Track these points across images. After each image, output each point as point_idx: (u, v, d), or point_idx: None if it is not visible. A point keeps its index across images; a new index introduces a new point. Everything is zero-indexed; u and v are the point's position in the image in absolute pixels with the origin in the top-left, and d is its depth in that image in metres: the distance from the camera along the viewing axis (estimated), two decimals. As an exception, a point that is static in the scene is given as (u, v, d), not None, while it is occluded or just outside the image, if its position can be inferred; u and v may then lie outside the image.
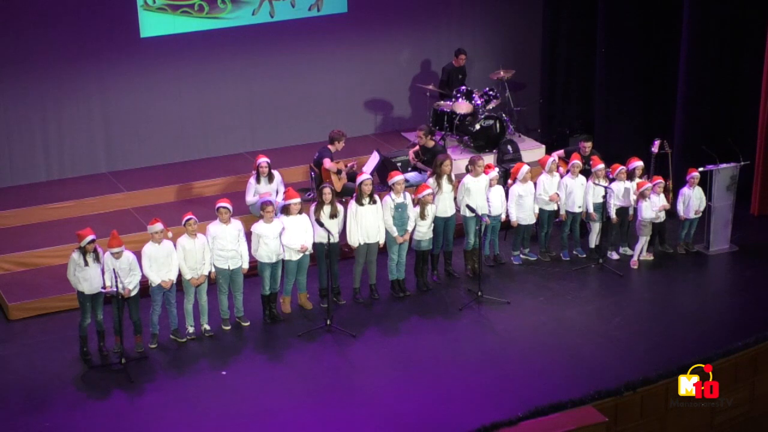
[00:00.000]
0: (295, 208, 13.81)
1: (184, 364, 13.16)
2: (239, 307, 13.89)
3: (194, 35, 17.32)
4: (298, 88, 18.28)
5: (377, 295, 14.59)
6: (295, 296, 14.29)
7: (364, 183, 14.13)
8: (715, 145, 15.87)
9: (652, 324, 13.88)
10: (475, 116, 17.88)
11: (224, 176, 17.11)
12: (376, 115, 19.14)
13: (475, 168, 14.84)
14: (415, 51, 19.07)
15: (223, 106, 17.85)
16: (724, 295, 15.02)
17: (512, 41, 19.45)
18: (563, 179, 15.37)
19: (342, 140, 15.93)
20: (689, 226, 15.65)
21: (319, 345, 13.48)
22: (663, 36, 17.75)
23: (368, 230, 14.20)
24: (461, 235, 15.24)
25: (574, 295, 14.63)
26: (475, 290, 14.50)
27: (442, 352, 13.33)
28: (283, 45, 17.99)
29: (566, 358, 13.09)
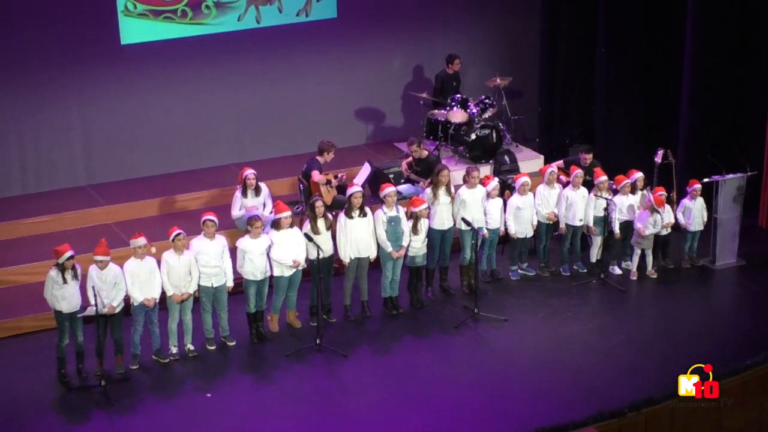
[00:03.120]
0: (286, 221, 13.81)
1: (167, 386, 13.13)
2: (224, 326, 13.87)
3: (177, 42, 17.32)
4: (286, 97, 18.28)
5: (369, 313, 14.58)
6: (283, 314, 14.27)
7: (354, 195, 14.13)
8: (721, 155, 15.89)
9: (656, 341, 13.88)
10: (471, 125, 17.89)
11: (209, 189, 17.10)
12: (367, 125, 19.15)
13: (470, 179, 14.85)
14: (407, 57, 19.08)
15: (207, 116, 17.85)
16: (731, 311, 15.03)
17: (509, 47, 19.48)
18: (564, 191, 15.39)
19: (331, 151, 15.92)
20: (692, 239, 15.68)
21: (308, 365, 13.46)
22: (665, 43, 17.78)
23: (359, 244, 14.19)
24: (456, 249, 15.24)
25: (575, 312, 14.63)
26: (471, 307, 14.50)
27: (437, 372, 13.31)
28: (270, 52, 18.00)
29: (567, 377, 13.08)
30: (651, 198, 15.17)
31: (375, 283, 14.57)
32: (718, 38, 16.75)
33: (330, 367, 13.45)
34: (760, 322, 14.30)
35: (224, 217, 14.89)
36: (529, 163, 18.02)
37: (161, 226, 14.47)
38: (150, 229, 14.66)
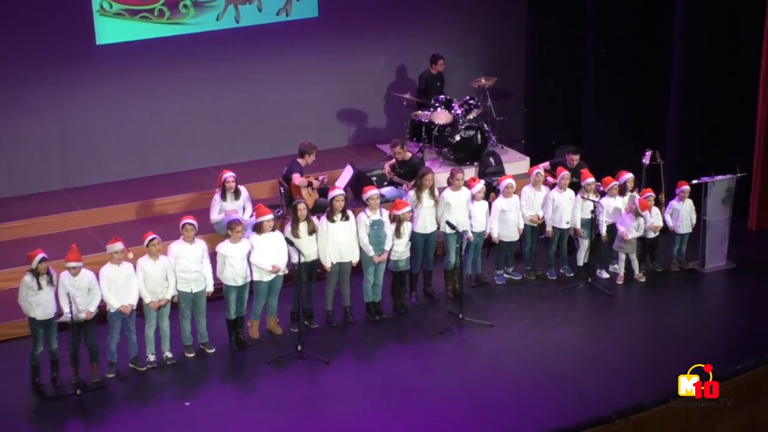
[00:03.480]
0: (267, 225, 13.78)
1: (144, 395, 13.07)
2: (203, 333, 13.82)
3: (154, 42, 17.26)
4: (266, 98, 18.24)
5: (352, 319, 14.55)
6: (263, 321, 14.23)
7: (336, 198, 14.10)
8: (710, 156, 15.92)
9: (645, 346, 13.89)
10: (455, 127, 17.89)
11: (187, 192, 17.05)
12: (349, 126, 19.12)
13: (454, 181, 14.84)
14: (390, 57, 19.07)
15: (185, 118, 17.79)
16: (721, 315, 15.06)
17: (494, 47, 19.48)
18: (550, 193, 15.40)
19: (313, 153, 15.90)
20: (680, 241, 15.71)
21: (289, 372, 13.42)
22: (654, 42, 17.80)
23: (341, 249, 14.17)
24: (441, 253, 15.22)
25: (562, 317, 14.63)
26: (456, 312, 14.48)
27: (422, 379, 13.29)
28: (250, 52, 17.96)
29: (554, 383, 13.08)
30: (637, 201, 15.18)
31: (357, 288, 14.54)
32: (707, 38, 16.79)
33: (312, 374, 13.41)
34: (750, 325, 14.33)
35: (203, 221, 14.85)
36: (515, 165, 18.02)
37: (138, 231, 14.40)
38: (127, 233, 14.60)
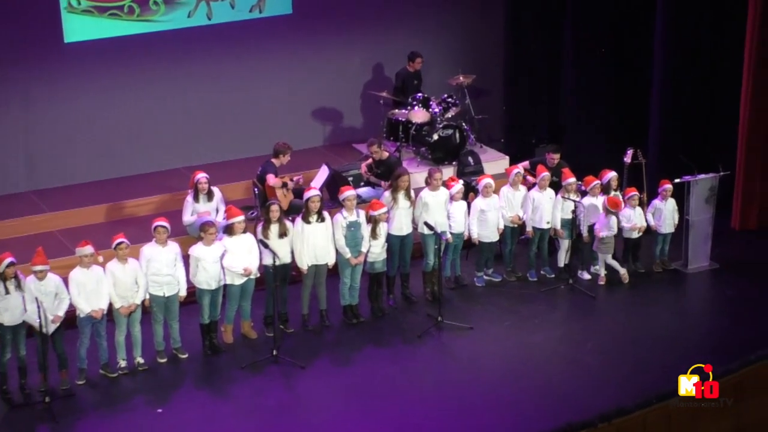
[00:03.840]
0: (239, 227, 13.75)
1: (115, 402, 13.02)
2: (176, 338, 13.78)
3: (124, 40, 17.20)
4: (239, 97, 18.20)
5: (328, 322, 14.53)
6: (237, 325, 14.19)
7: (311, 200, 14.09)
8: (693, 154, 15.97)
9: (628, 349, 13.92)
10: (433, 125, 17.90)
11: (159, 194, 17.00)
12: (324, 126, 19.11)
13: (432, 181, 14.84)
14: (366, 55, 19.06)
15: (156, 118, 17.74)
16: (705, 316, 15.12)
17: (472, 43, 19.50)
18: (530, 192, 15.42)
19: (287, 153, 15.88)
20: (663, 241, 15.76)
21: (264, 378, 13.39)
22: (635, 39, 17.86)
23: (316, 251, 14.15)
24: (419, 255, 15.22)
25: (543, 319, 14.65)
26: (435, 315, 14.48)
27: (400, 383, 13.29)
28: (223, 50, 17.92)
29: (535, 387, 13.09)
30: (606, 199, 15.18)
31: (333, 290, 14.52)
32: (689, 34, 16.86)
33: (287, 379, 13.39)
34: (735, 327, 14.38)
35: (176, 223, 14.80)
36: (494, 165, 18.05)
37: (108, 234, 14.33)
38: (97, 236, 14.54)
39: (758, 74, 16.44)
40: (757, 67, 16.40)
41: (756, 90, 16.49)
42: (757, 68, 16.40)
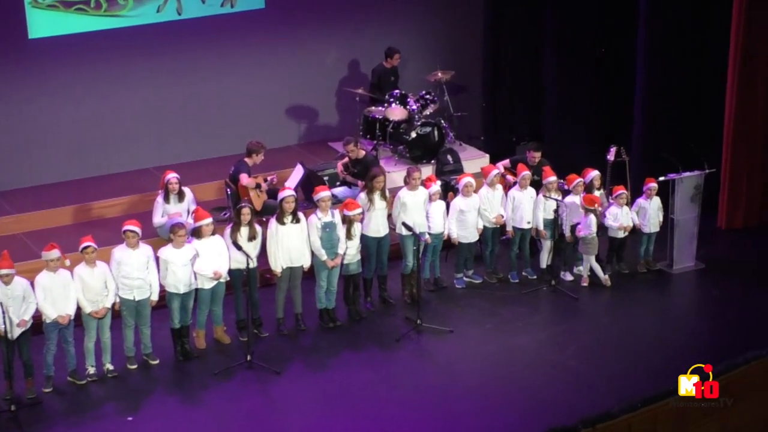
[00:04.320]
0: (207, 229, 13.73)
1: (84, 410, 12.97)
2: (147, 343, 13.75)
3: (91, 36, 17.14)
4: (211, 95, 18.17)
5: (303, 326, 14.53)
6: (210, 329, 14.17)
7: (285, 200, 14.08)
8: (678, 152, 16.03)
9: (612, 352, 13.96)
10: (411, 123, 17.91)
11: (128, 195, 16.95)
12: (299, 124, 19.10)
13: (411, 180, 14.86)
14: (342, 50, 19.06)
15: (125, 116, 17.69)
16: (691, 317, 15.17)
17: (451, 38, 19.53)
18: (511, 192, 15.45)
19: (261, 152, 15.86)
20: (647, 241, 15.81)
21: (238, 384, 13.38)
22: (617, 34, 17.91)
23: (291, 253, 14.14)
24: (397, 256, 15.23)
25: (525, 322, 14.68)
26: (414, 318, 14.49)
27: (378, 388, 13.29)
28: (193, 46, 17.89)
29: (516, 391, 13.12)
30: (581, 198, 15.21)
31: (309, 293, 14.51)
32: (673, 29, 16.90)
33: (262, 385, 13.38)
34: (721, 329, 14.45)
35: (148, 225, 14.78)
36: (474, 163, 18.07)
37: (76, 236, 14.29)
38: (64, 239, 14.48)
39: (744, 70, 16.52)
40: (742, 63, 16.48)
41: (742, 86, 16.57)
42: (742, 63, 16.48)
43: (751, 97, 16.65)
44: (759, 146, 16.93)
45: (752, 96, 16.66)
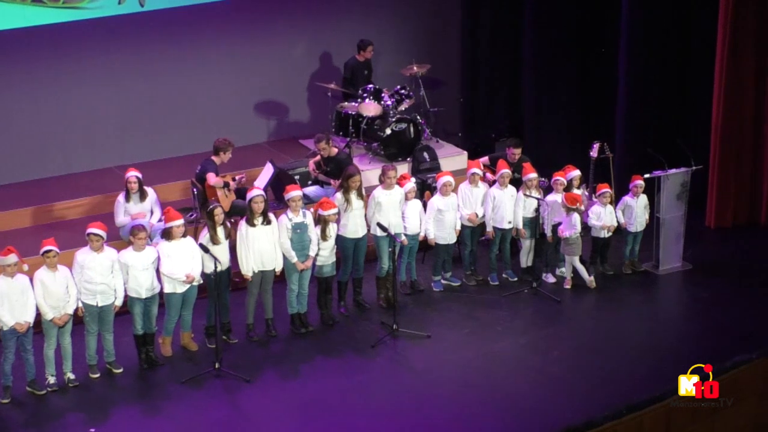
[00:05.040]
0: (178, 231, 13.70)
1: (44, 421, 12.92)
2: (110, 351, 13.71)
3: (49, 29, 17.07)
4: (176, 90, 18.15)
5: (274, 332, 14.52)
6: (176, 336, 14.15)
7: (254, 200, 14.06)
8: (663, 148, 16.08)
9: (596, 357, 13.99)
10: (385, 119, 17.92)
11: (90, 195, 16.92)
12: (268, 120, 19.09)
13: (386, 179, 14.87)
14: (312, 43, 19.06)
15: (86, 113, 17.65)
16: (678, 320, 15.22)
17: (426, 30, 19.55)
18: (490, 190, 15.47)
19: (228, 150, 15.84)
20: (633, 241, 15.86)
21: (206, 393, 13.35)
22: (600, 25, 17.96)
23: (263, 256, 14.13)
24: (372, 258, 15.25)
25: (505, 326, 14.71)
26: (390, 323, 14.50)
27: (353, 396, 13.29)
28: (157, 39, 17.85)
29: (497, 399, 13.14)
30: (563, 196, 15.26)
31: (280, 298, 14.51)
32: (658, 20, 16.96)
33: (231, 394, 13.36)
34: (709, 332, 14.49)
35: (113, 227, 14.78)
36: (452, 161, 18.10)
37: (35, 239, 14.27)
38: (22, 242, 14.46)
39: (731, 62, 16.58)
40: (730, 55, 16.54)
41: (730, 79, 16.63)
42: (730, 56, 16.54)
43: (739, 90, 16.72)
44: (748, 141, 17.00)
45: (741, 89, 16.72)
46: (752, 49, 16.60)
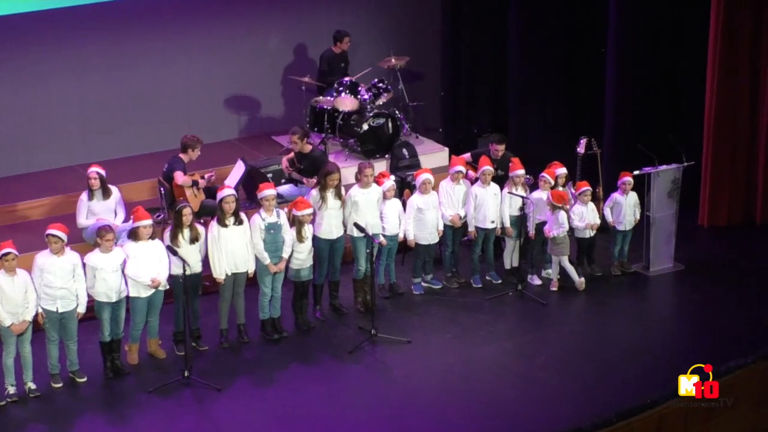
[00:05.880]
0: (145, 231, 13.67)
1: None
2: (73, 360, 13.69)
3: (5, 20, 17.01)
4: (142, 84, 18.13)
5: (247, 338, 14.52)
6: (143, 343, 14.13)
7: (224, 200, 14.05)
8: (654, 143, 16.13)
9: (584, 363, 14.04)
10: (362, 114, 17.94)
11: (51, 195, 16.90)
12: (239, 116, 19.09)
13: (363, 177, 14.88)
14: (286, 35, 19.05)
15: (46, 109, 17.63)
16: (669, 323, 15.27)
17: (405, 21, 19.56)
18: (473, 188, 15.49)
19: (197, 147, 15.82)
20: (622, 240, 15.91)
21: (175, 402, 13.34)
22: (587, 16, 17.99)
23: (236, 258, 14.13)
24: (349, 260, 15.26)
25: (489, 330, 14.74)
26: (368, 328, 14.52)
27: (329, 405, 13.30)
28: (121, 30, 17.82)
29: (481, 407, 13.16)
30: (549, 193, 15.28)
31: (252, 302, 14.50)
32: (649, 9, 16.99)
33: (201, 404, 13.35)
34: (703, 336, 14.55)
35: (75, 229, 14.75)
36: (432, 157, 18.13)
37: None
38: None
39: (726, 52, 16.61)
40: (724, 44, 16.56)
41: (723, 69, 16.67)
42: (724, 45, 16.57)
43: (734, 81, 16.77)
44: (744, 135, 17.06)
45: (735, 80, 16.77)
46: (748, 38, 16.64)
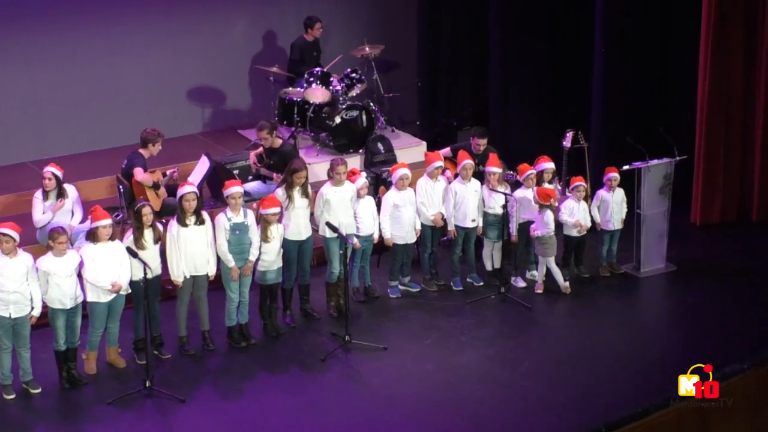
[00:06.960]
0: (104, 232, 13.63)
1: (-48, 449, 12.91)
2: (26, 369, 13.66)
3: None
4: (99, 75, 18.12)
5: (212, 345, 14.52)
6: (102, 351, 14.12)
7: (185, 198, 14.02)
8: (644, 137, 16.19)
9: (571, 369, 14.07)
10: (334, 106, 17.96)
11: (2, 194, 16.88)
12: (203, 109, 19.09)
13: (335, 174, 14.89)
14: (253, 22, 19.06)
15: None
16: (661, 327, 15.34)
17: (379, 6, 19.59)
18: (452, 185, 15.52)
19: (158, 142, 15.81)
20: (610, 240, 15.96)
21: (135, 414, 13.32)
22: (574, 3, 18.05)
23: (195, 259, 14.12)
24: (321, 262, 15.27)
25: (470, 336, 14.76)
26: (341, 334, 14.53)
27: (300, 417, 13.30)
28: (77, 18, 17.81)
29: (461, 416, 13.18)
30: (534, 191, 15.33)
31: (218, 307, 14.50)
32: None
33: (164, 415, 13.34)
34: (696, 340, 14.59)
35: (29, 229, 14.72)
36: (409, 152, 18.17)
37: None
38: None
39: (718, 40, 16.67)
40: (716, 32, 16.63)
41: (716, 59, 16.74)
42: (716, 33, 16.63)
43: (727, 72, 16.84)
44: (737, 129, 17.14)
45: (728, 71, 16.85)
46: (741, 24, 16.69)
